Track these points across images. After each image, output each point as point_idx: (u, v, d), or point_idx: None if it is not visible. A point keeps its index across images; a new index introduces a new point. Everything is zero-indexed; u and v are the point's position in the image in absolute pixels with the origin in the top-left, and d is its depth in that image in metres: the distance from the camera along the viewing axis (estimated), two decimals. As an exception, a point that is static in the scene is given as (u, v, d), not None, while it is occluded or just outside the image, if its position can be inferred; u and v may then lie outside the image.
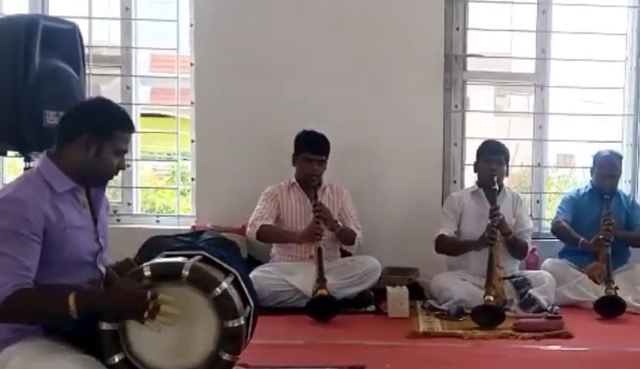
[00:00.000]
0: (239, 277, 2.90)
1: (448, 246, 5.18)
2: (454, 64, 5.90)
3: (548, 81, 5.99)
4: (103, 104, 2.84)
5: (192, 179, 5.92)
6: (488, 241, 4.87)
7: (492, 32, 6.56)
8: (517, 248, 5.19)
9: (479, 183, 5.33)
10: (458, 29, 5.88)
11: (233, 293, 2.73)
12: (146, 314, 2.48)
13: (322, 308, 4.71)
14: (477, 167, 5.36)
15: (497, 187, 5.07)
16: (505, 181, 5.39)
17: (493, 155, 5.23)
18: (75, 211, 2.68)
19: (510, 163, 5.45)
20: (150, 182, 7.44)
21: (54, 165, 2.67)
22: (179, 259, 2.73)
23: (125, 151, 2.81)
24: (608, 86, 6.24)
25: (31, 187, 2.60)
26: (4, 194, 2.61)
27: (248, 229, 5.21)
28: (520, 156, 7.34)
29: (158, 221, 6.00)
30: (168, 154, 6.96)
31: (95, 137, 2.68)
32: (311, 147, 5.22)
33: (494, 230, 4.89)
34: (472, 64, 6.05)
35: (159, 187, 7.48)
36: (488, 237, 4.87)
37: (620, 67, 6.09)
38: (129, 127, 2.80)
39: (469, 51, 6.00)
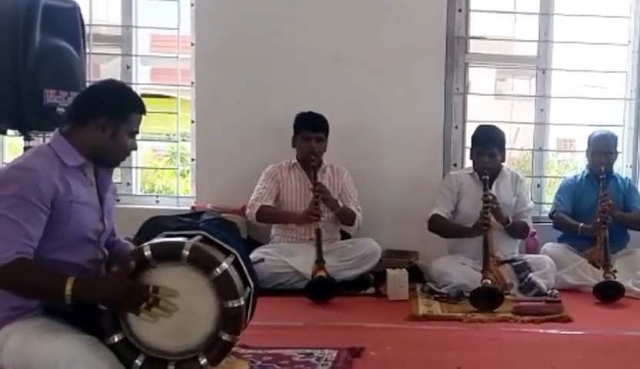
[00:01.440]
0: (239, 258, 2.89)
1: (440, 227, 5.16)
2: (456, 47, 5.87)
3: (550, 64, 5.96)
4: (119, 87, 2.90)
5: (192, 160, 5.91)
6: (481, 228, 4.86)
7: (495, 15, 6.51)
8: (516, 231, 5.19)
9: (475, 169, 5.28)
10: (460, 11, 5.84)
11: (233, 273, 2.72)
12: (143, 306, 2.49)
13: (321, 290, 4.72)
14: (471, 155, 5.33)
15: (487, 177, 5.03)
16: (504, 164, 5.36)
17: (485, 148, 5.14)
18: (82, 186, 2.69)
19: (509, 145, 5.40)
20: (149, 163, 7.43)
21: (67, 142, 2.69)
22: (179, 239, 2.72)
23: (137, 132, 2.83)
24: (610, 70, 6.21)
25: (43, 158, 2.61)
26: (15, 162, 2.64)
27: (248, 210, 5.20)
28: (520, 140, 7.33)
29: (157, 202, 6.00)
30: (168, 135, 6.95)
31: (112, 120, 2.71)
32: (310, 125, 5.20)
33: (486, 216, 4.87)
34: (474, 47, 6.02)
35: (159, 168, 7.48)
36: (481, 224, 4.86)
37: (623, 50, 6.06)
38: (143, 110, 2.85)
39: (471, 33, 5.97)
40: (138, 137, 2.88)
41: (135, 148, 2.89)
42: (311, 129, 5.20)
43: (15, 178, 2.51)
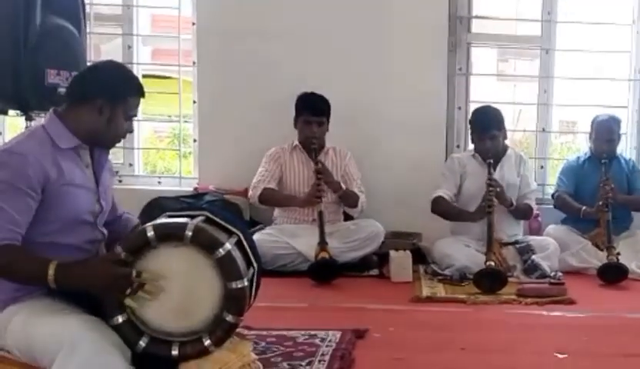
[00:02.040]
0: (243, 239, 2.88)
1: (443, 210, 5.13)
2: (458, 26, 5.83)
3: (553, 44, 5.92)
4: (118, 69, 2.83)
5: (194, 140, 5.88)
6: (485, 211, 4.84)
7: (498, -6, 6.48)
8: (520, 213, 5.18)
9: (477, 152, 5.24)
10: (463, -10, 5.81)
11: (236, 254, 2.70)
12: (128, 292, 2.47)
13: (324, 271, 4.71)
14: (472, 139, 5.29)
15: (491, 161, 5.00)
16: (507, 142, 5.34)
17: (485, 133, 5.09)
18: (76, 169, 2.66)
19: (512, 127, 5.37)
20: (151, 144, 7.41)
21: (61, 124, 2.65)
22: (182, 220, 2.70)
23: (135, 116, 2.80)
24: (614, 50, 6.15)
25: (35, 142, 2.58)
26: (7, 146, 2.60)
27: (250, 192, 5.18)
28: (522, 121, 7.29)
29: (159, 183, 5.99)
30: (169, 116, 6.93)
31: (110, 103, 2.67)
32: (311, 109, 5.17)
33: (490, 200, 4.84)
34: (477, 27, 5.98)
35: (161, 149, 7.46)
36: (486, 206, 4.84)
37: (626, 30, 6.01)
38: (142, 93, 2.80)
39: (474, 12, 5.93)
40: (139, 117, 2.85)
41: (131, 131, 2.84)
42: (311, 113, 5.17)
43: (4, 164, 2.48)
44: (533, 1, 6.08)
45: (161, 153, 7.37)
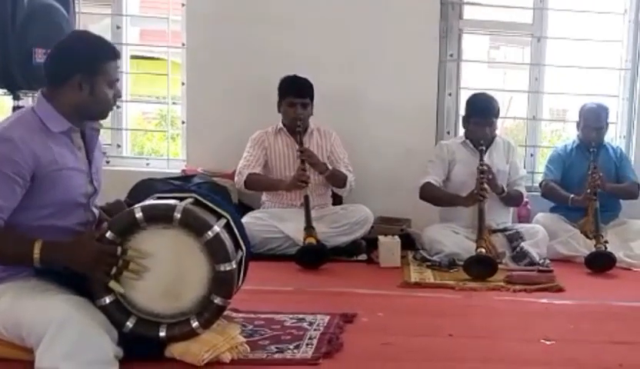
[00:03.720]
0: (231, 221, 2.87)
1: (433, 196, 5.12)
2: (450, 12, 5.81)
3: (545, 32, 5.91)
4: (85, 40, 2.81)
5: (183, 122, 5.84)
6: (477, 198, 4.83)
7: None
8: (511, 200, 5.19)
9: (468, 138, 5.23)
10: (455, -24, 5.79)
11: (225, 237, 2.71)
12: (114, 271, 2.45)
13: (311, 257, 4.69)
14: (466, 126, 5.26)
15: (483, 148, 4.99)
16: (497, 130, 5.33)
17: (485, 119, 5.09)
18: (69, 152, 2.65)
19: (503, 115, 5.36)
20: (138, 125, 7.36)
21: (50, 106, 2.64)
22: (171, 201, 2.70)
23: (117, 80, 2.78)
24: (606, 39, 6.14)
25: (24, 126, 2.56)
26: None
27: (236, 178, 5.16)
28: (513, 109, 7.28)
29: (148, 164, 5.96)
30: (157, 98, 6.88)
31: (87, 76, 2.67)
32: (294, 91, 5.13)
33: (482, 187, 4.83)
34: (469, 13, 5.96)
35: (149, 130, 7.41)
36: (478, 193, 4.83)
37: (618, 19, 6.00)
38: (115, 54, 2.80)
39: (466, -1, 5.91)
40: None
41: (120, 96, 2.85)
42: (295, 95, 5.13)
43: None
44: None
45: (148, 135, 7.32)
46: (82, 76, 2.65)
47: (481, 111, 5.13)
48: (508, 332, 3.52)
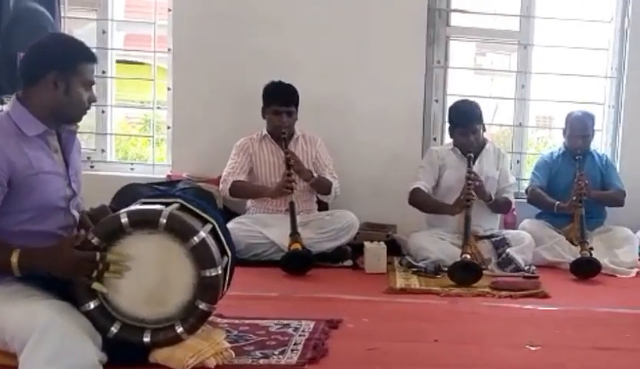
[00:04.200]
0: (217, 227, 2.86)
1: (421, 201, 5.12)
2: (437, 19, 5.82)
3: (532, 39, 5.93)
4: (62, 39, 2.83)
5: (168, 127, 5.82)
6: (464, 204, 4.83)
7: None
8: (499, 207, 5.20)
9: (457, 146, 5.23)
10: (442, -17, 5.81)
11: (211, 242, 2.70)
12: (95, 274, 2.44)
13: (296, 263, 4.67)
14: (452, 135, 5.27)
15: (472, 155, 5.00)
16: (485, 135, 5.34)
17: (467, 127, 5.11)
18: (45, 156, 2.63)
19: (489, 121, 5.38)
20: (123, 130, 7.34)
21: (24, 109, 2.62)
22: (157, 207, 2.68)
23: (93, 83, 2.78)
24: (592, 47, 6.18)
25: None
26: None
27: (221, 186, 5.15)
28: (499, 116, 7.31)
29: (132, 169, 5.93)
30: (141, 102, 6.86)
31: (61, 75, 2.66)
32: (279, 99, 5.12)
33: (469, 194, 4.83)
34: (456, 20, 5.97)
35: (134, 135, 7.38)
36: (464, 199, 4.83)
37: (605, 28, 6.03)
38: (92, 57, 2.79)
39: (453, 6, 5.92)
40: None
41: (94, 100, 2.82)
42: (280, 103, 5.11)
43: None
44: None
45: (132, 139, 7.30)
46: (57, 74, 2.64)
47: (464, 121, 5.14)
48: (494, 338, 3.53)
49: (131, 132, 7.58)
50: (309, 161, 5.22)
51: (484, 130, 5.27)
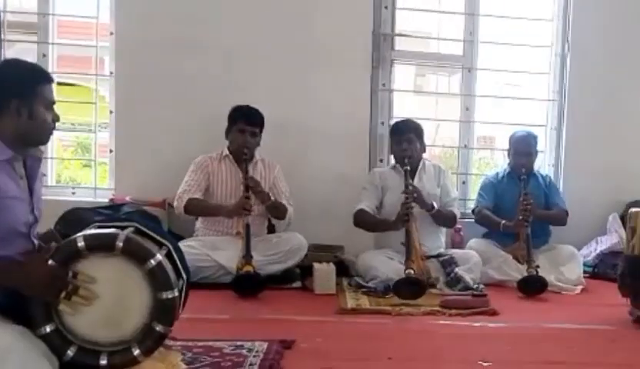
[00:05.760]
0: (172, 250, 2.83)
1: (365, 221, 5.18)
2: (382, 43, 5.89)
3: (475, 63, 6.04)
4: (18, 65, 2.75)
5: (110, 151, 5.75)
6: (403, 219, 4.86)
7: (421, 13, 6.54)
8: (444, 219, 5.25)
9: (396, 160, 5.33)
10: (386, 8, 5.90)
11: (167, 265, 2.66)
12: (63, 295, 2.39)
13: (248, 285, 4.63)
14: (391, 150, 5.39)
15: (408, 168, 5.06)
16: (425, 155, 5.41)
17: (402, 135, 5.23)
18: (10, 181, 2.59)
19: (431, 142, 5.46)
20: (56, 153, 7.21)
21: None
22: (112, 230, 2.64)
23: (54, 102, 2.74)
24: (533, 71, 6.33)
25: None
26: None
27: (176, 202, 5.09)
28: (441, 136, 7.40)
29: (74, 193, 5.84)
30: (73, 125, 6.78)
31: (23, 101, 2.62)
32: (246, 118, 5.14)
33: (408, 207, 4.87)
34: (400, 44, 6.05)
35: (77, 159, 7.27)
36: (403, 214, 4.87)
37: (545, 52, 6.19)
38: (49, 78, 2.76)
39: (397, 30, 5.99)
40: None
41: (58, 120, 2.78)
42: (246, 122, 5.13)
43: None
44: (456, 21, 6.20)
45: (66, 163, 7.16)
46: (19, 101, 2.60)
47: (398, 129, 5.29)
48: (447, 354, 3.55)
49: (64, 155, 7.45)
50: (266, 186, 5.21)
51: (423, 150, 5.35)
